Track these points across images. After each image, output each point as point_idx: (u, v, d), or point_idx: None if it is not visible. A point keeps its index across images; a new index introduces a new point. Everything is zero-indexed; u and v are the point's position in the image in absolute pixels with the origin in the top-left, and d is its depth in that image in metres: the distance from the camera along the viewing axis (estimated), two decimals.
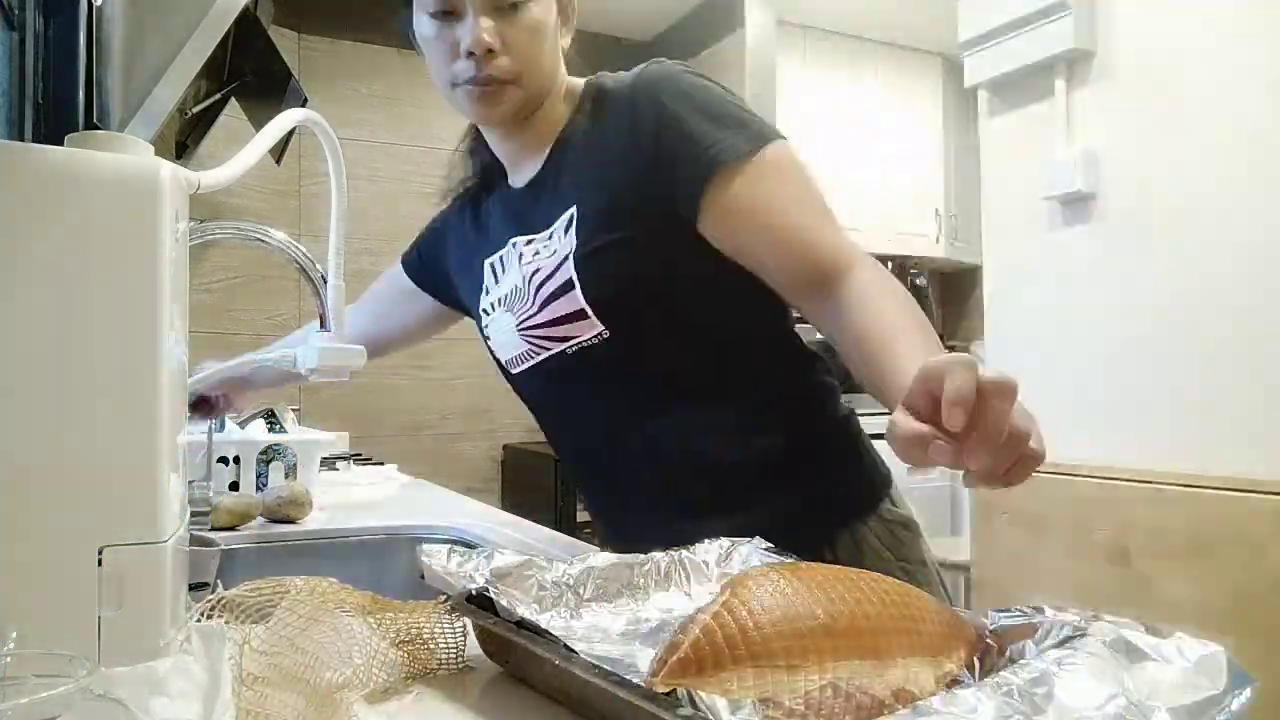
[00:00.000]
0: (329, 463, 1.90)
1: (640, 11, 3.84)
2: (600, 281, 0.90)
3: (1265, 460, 1.63)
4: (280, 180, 3.22)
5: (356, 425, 3.30)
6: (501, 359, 1.05)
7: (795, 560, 0.67)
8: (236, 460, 1.47)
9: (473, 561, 0.67)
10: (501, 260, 1.03)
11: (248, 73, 2.14)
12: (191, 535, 0.70)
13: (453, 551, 0.68)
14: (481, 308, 1.07)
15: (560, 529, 1.21)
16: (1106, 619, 0.49)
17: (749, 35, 3.65)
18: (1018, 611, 0.53)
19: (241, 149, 0.71)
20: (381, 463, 2.05)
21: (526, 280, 0.96)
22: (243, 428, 1.63)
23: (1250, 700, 0.43)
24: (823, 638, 0.44)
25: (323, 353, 0.94)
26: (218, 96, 2.22)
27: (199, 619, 0.55)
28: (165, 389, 0.53)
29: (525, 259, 0.97)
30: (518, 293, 0.98)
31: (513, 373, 1.04)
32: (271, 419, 1.72)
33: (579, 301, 0.90)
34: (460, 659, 0.64)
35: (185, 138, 2.30)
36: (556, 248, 0.93)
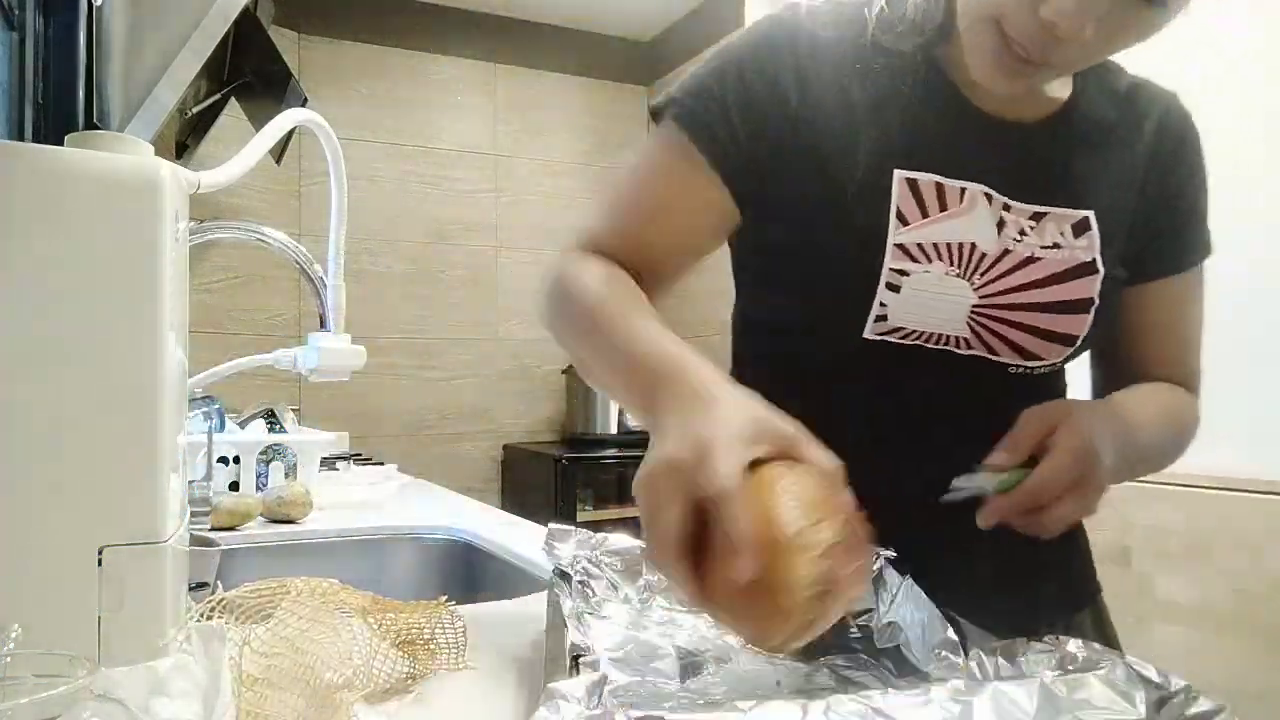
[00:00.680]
0: (329, 463, 1.90)
1: (640, 11, 3.84)
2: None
3: (1265, 460, 1.63)
4: (280, 180, 3.22)
5: (356, 425, 3.30)
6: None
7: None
8: (236, 460, 1.47)
9: None
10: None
11: (248, 73, 2.14)
12: (191, 535, 0.70)
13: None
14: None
15: None
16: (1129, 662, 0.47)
17: None
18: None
19: (241, 149, 0.71)
20: (381, 463, 2.05)
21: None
22: (243, 428, 1.63)
23: None
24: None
25: (323, 353, 0.94)
26: (218, 96, 2.22)
27: (199, 619, 0.55)
28: (165, 389, 0.53)
29: (1009, 226, 0.76)
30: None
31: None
32: (271, 419, 1.72)
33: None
34: (460, 659, 0.64)
35: (185, 138, 2.30)
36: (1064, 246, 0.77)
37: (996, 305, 0.75)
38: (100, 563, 0.50)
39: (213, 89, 2.18)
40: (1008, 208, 0.76)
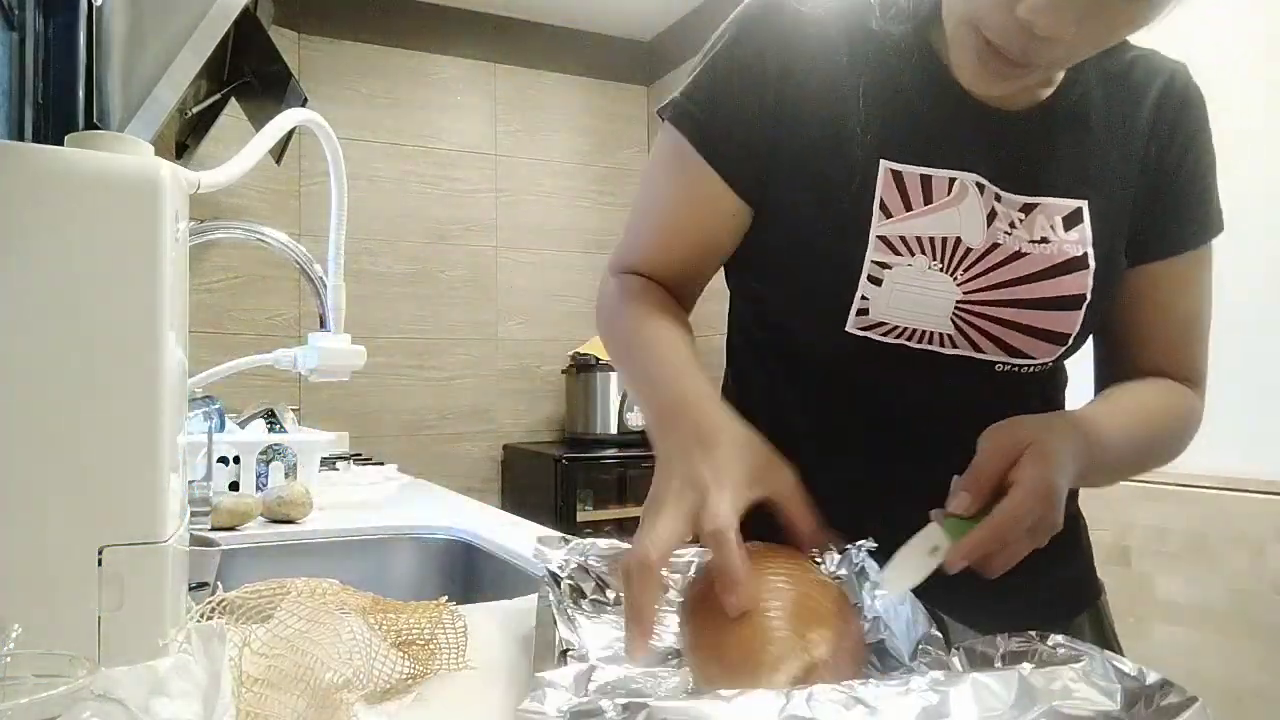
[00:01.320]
0: (329, 463, 1.90)
1: (640, 11, 3.84)
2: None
3: (1265, 460, 1.63)
4: (280, 180, 3.23)
5: (356, 425, 3.31)
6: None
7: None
8: (236, 460, 1.47)
9: None
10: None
11: (248, 73, 2.14)
12: (191, 535, 0.70)
13: None
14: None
15: (560, 529, 1.21)
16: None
17: None
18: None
19: (241, 149, 0.71)
20: (381, 463, 2.05)
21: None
22: (243, 428, 1.63)
23: None
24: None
25: (323, 353, 0.94)
26: (218, 96, 2.22)
27: (199, 619, 0.55)
28: (165, 389, 0.53)
29: (999, 218, 0.74)
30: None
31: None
32: (271, 419, 1.72)
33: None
34: (460, 659, 0.64)
35: (185, 138, 2.30)
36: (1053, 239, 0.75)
37: (981, 301, 0.73)
38: (100, 563, 0.50)
39: (213, 89, 2.18)
40: (999, 198, 0.73)
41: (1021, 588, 0.69)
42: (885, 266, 0.72)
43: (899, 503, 0.63)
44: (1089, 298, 0.74)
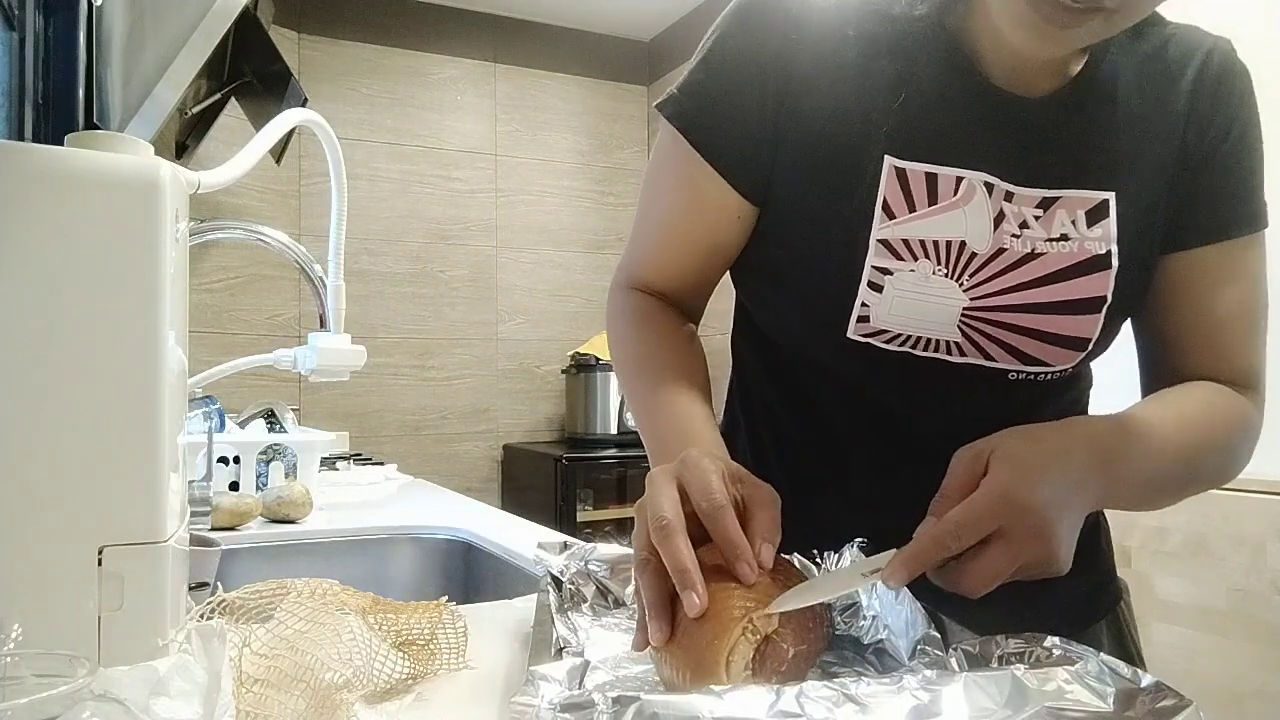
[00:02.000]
0: (329, 463, 1.90)
1: (640, 11, 3.84)
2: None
3: (1265, 460, 1.63)
4: (280, 180, 3.23)
5: (356, 425, 3.31)
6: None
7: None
8: (236, 460, 1.47)
9: None
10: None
11: (248, 73, 2.14)
12: (191, 535, 0.70)
13: None
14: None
15: (560, 529, 1.21)
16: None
17: None
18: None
19: (241, 149, 0.71)
20: (381, 463, 2.05)
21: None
22: (243, 428, 1.63)
23: None
24: None
25: (323, 353, 0.94)
26: (218, 96, 2.21)
27: (199, 619, 0.55)
28: (165, 389, 0.53)
29: (1008, 220, 0.70)
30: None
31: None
32: (271, 419, 1.72)
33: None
34: (460, 659, 0.64)
35: (185, 138, 2.30)
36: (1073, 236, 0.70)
37: (991, 307, 0.69)
38: (100, 562, 0.50)
39: (213, 89, 2.18)
40: (1010, 197, 0.68)
41: (1035, 594, 0.64)
42: (886, 272, 0.68)
43: (909, 515, 0.58)
44: (1109, 299, 0.69)
